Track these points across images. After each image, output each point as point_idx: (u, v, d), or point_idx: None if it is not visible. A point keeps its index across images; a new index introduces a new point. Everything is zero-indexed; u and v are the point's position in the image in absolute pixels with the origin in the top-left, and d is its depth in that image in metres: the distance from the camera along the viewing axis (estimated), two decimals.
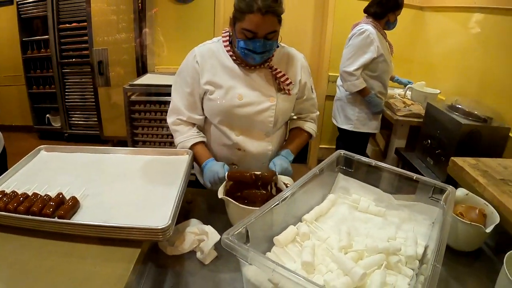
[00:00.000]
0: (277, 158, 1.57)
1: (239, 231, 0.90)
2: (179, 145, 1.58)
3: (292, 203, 1.09)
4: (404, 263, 1.02)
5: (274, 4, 1.34)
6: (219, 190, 1.27)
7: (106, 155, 1.51)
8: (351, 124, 3.02)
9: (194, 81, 1.54)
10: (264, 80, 1.54)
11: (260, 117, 1.54)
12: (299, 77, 1.61)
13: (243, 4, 1.35)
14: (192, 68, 1.54)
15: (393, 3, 2.78)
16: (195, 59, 1.53)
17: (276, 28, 1.40)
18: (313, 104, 1.75)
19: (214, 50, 1.55)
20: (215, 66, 1.53)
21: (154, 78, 3.44)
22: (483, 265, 1.30)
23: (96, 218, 1.06)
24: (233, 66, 1.53)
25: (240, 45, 1.42)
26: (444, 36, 3.48)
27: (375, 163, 1.31)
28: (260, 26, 1.36)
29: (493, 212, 1.38)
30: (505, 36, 2.59)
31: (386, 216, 1.23)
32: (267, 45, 1.41)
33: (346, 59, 2.84)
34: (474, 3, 2.93)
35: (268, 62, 1.54)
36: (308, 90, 1.67)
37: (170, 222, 1.02)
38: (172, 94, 1.62)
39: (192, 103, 1.57)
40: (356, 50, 2.78)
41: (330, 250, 0.99)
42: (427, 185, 1.23)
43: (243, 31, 1.38)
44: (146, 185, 1.30)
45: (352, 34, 2.85)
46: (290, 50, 1.63)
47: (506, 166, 1.97)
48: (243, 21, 1.37)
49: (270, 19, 1.36)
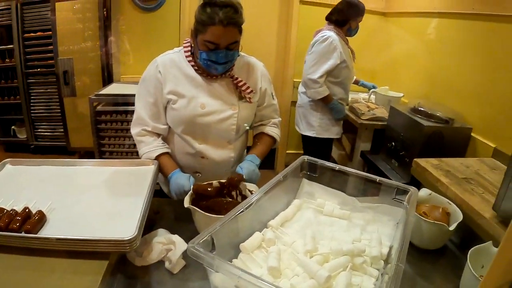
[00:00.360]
0: (243, 163, 1.58)
1: (205, 239, 0.90)
2: (143, 156, 1.57)
3: (257, 210, 1.10)
4: (369, 263, 1.04)
5: (235, 15, 1.37)
6: (185, 199, 1.27)
7: (72, 168, 1.49)
8: (313, 130, 3.03)
9: (157, 91, 1.54)
10: (226, 89, 1.57)
11: (222, 125, 1.56)
12: (260, 85, 1.64)
13: (204, 17, 1.37)
14: (154, 78, 1.53)
15: (354, 11, 2.82)
16: (157, 69, 1.53)
17: (237, 38, 1.43)
18: (274, 110, 1.77)
19: (176, 60, 1.55)
20: (177, 76, 1.53)
21: (120, 88, 3.39)
22: (448, 262, 1.34)
23: (63, 232, 1.05)
24: (195, 76, 1.54)
25: (203, 57, 1.43)
26: (406, 40, 3.58)
27: (338, 168, 1.33)
28: (222, 37, 1.38)
29: (456, 210, 1.43)
30: (464, 40, 2.69)
31: (351, 218, 1.25)
32: (229, 55, 1.43)
33: (309, 67, 2.84)
34: (434, 8, 3.02)
35: (230, 72, 1.56)
36: (268, 97, 1.70)
37: (136, 233, 1.03)
38: (135, 104, 1.61)
39: (155, 112, 1.57)
40: (319, 57, 2.79)
41: (296, 254, 1.00)
42: (390, 187, 1.26)
43: (205, 43, 1.40)
44: (113, 196, 1.29)
45: (315, 41, 2.86)
46: (250, 59, 1.66)
47: (468, 165, 2.04)
48: (205, 33, 1.38)
49: (232, 30, 1.39)
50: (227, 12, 1.35)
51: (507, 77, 2.25)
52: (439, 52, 3.01)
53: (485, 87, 2.44)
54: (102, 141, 3.20)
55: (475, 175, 1.90)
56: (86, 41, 3.61)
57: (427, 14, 3.17)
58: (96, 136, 3.19)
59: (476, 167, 2.01)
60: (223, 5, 1.35)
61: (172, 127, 1.60)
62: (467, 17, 2.65)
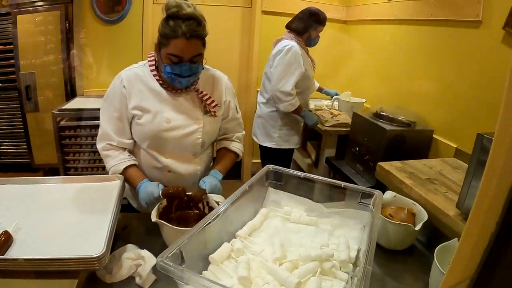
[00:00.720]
0: (206, 177, 1.58)
1: (174, 253, 0.90)
2: (111, 169, 1.55)
3: (225, 220, 1.10)
4: (339, 267, 1.05)
5: (198, 28, 1.38)
6: (152, 213, 1.26)
7: (37, 186, 1.45)
8: (273, 141, 2.99)
9: (122, 106, 1.52)
10: (190, 103, 1.57)
11: (188, 139, 1.56)
12: (224, 98, 1.65)
13: (167, 30, 1.37)
14: (119, 93, 1.52)
15: (315, 20, 2.82)
16: (122, 84, 1.52)
17: (201, 51, 1.44)
18: (239, 123, 1.78)
19: (140, 75, 1.54)
20: (142, 90, 1.52)
21: (84, 102, 3.32)
22: (416, 261, 1.38)
23: (31, 252, 1.03)
24: (160, 90, 1.53)
25: (167, 70, 1.43)
26: (367, 47, 3.67)
27: (303, 175, 1.35)
28: (185, 50, 1.38)
29: (421, 210, 1.47)
30: (423, 45, 2.78)
31: (318, 224, 1.26)
32: (193, 68, 1.43)
33: (278, 80, 2.75)
34: (394, 15, 3.11)
35: (194, 85, 1.56)
36: (232, 110, 1.71)
37: (105, 250, 1.02)
38: (100, 119, 1.58)
39: (120, 127, 1.55)
40: (286, 68, 2.73)
41: (265, 263, 1.00)
42: (355, 191, 1.29)
43: (169, 56, 1.40)
44: (80, 214, 1.27)
45: (277, 51, 2.81)
46: (215, 72, 1.67)
47: (431, 166, 2.10)
48: (168, 46, 1.39)
49: (195, 43, 1.39)
50: (190, 25, 1.36)
51: (465, 80, 2.34)
52: (399, 58, 3.10)
53: (445, 90, 2.53)
54: (66, 157, 3.12)
55: (438, 175, 1.96)
56: (48, 55, 3.52)
57: (387, 21, 3.26)
58: (61, 152, 3.10)
59: (439, 168, 2.08)
60: (186, 18, 1.36)
61: (138, 141, 1.59)
62: (426, 23, 2.74)
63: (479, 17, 2.20)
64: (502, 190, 0.52)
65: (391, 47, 3.22)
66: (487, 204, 0.55)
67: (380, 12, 3.35)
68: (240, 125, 1.79)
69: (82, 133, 3.08)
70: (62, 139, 3.08)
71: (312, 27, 2.83)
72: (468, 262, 0.59)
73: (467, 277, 0.59)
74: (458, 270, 0.62)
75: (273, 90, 2.79)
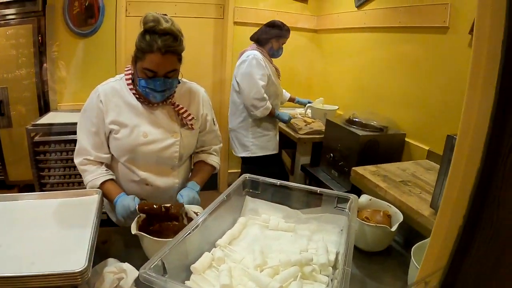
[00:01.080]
0: (183, 190, 1.59)
1: (156, 264, 0.90)
2: (88, 184, 1.54)
3: (204, 230, 1.11)
4: (319, 271, 1.08)
5: (174, 43, 1.38)
6: (132, 226, 1.26)
7: (13, 203, 1.42)
8: (248, 151, 3.06)
9: (99, 121, 1.52)
10: (167, 117, 1.57)
11: (165, 153, 1.57)
12: (201, 111, 1.66)
13: (143, 44, 1.37)
14: (96, 108, 1.51)
15: (276, 32, 2.93)
16: (99, 98, 1.51)
17: (176, 66, 1.44)
18: (216, 136, 1.79)
19: (117, 89, 1.54)
20: (119, 105, 1.52)
21: (58, 116, 3.26)
22: (395, 261, 1.42)
23: (12, 270, 1.01)
24: (136, 104, 1.53)
25: (141, 84, 1.44)
26: (338, 55, 3.73)
27: (279, 183, 1.37)
28: (160, 65, 1.39)
29: (396, 212, 1.51)
30: (393, 51, 2.85)
31: (296, 230, 1.28)
32: (167, 83, 1.44)
33: (249, 89, 2.86)
34: (364, 24, 3.18)
35: (171, 99, 1.57)
36: (209, 123, 1.72)
37: (87, 264, 1.01)
38: (77, 134, 1.58)
39: (98, 142, 1.55)
40: (250, 75, 2.83)
41: (246, 270, 1.02)
42: (331, 196, 1.31)
43: (144, 70, 1.41)
44: (59, 229, 1.25)
45: (240, 62, 2.91)
46: (192, 85, 1.68)
47: (404, 168, 2.16)
48: (144, 60, 1.39)
49: (170, 58, 1.40)
50: (166, 40, 1.36)
51: (434, 84, 2.41)
52: (370, 65, 3.16)
53: (415, 95, 2.60)
54: (42, 172, 3.06)
55: (411, 177, 2.02)
56: (20, 69, 3.45)
57: (357, 29, 3.33)
58: (36, 168, 3.04)
59: (412, 170, 2.14)
60: (162, 33, 1.36)
61: (115, 156, 1.58)
62: (395, 30, 2.81)
63: (446, 23, 2.28)
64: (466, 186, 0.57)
65: (362, 55, 3.28)
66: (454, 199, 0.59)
67: (350, 21, 3.42)
68: (217, 138, 1.80)
69: (57, 148, 3.03)
70: (37, 155, 3.02)
71: (273, 39, 2.93)
72: (440, 254, 0.63)
73: (440, 268, 0.62)
74: (431, 261, 0.66)
75: (248, 100, 2.87)
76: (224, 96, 3.86)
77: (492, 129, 0.51)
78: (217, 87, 3.91)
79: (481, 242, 0.54)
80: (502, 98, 0.49)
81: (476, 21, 0.54)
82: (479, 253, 0.55)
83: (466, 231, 0.56)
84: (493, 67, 0.50)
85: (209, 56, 3.88)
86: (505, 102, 0.49)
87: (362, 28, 3.23)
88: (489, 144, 0.52)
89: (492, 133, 0.51)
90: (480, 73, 0.54)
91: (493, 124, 0.51)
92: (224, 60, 3.84)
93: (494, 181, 0.52)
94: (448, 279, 0.60)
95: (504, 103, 0.49)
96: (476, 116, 0.55)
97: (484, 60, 0.52)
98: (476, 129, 0.54)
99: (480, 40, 0.54)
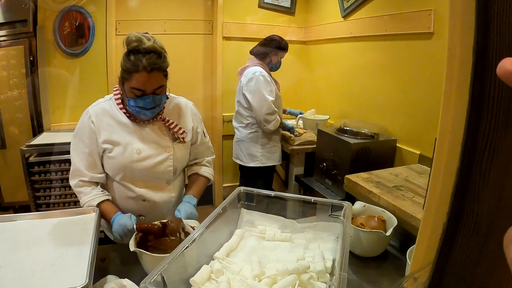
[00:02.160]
0: (181, 205, 1.61)
1: (155, 279, 0.91)
2: (85, 205, 1.55)
3: (202, 244, 1.12)
4: (316, 278, 1.09)
5: (158, 60, 1.42)
6: (130, 243, 1.27)
7: (12, 223, 1.43)
8: (257, 161, 3.14)
9: (91, 141, 1.54)
10: (159, 132, 1.60)
11: (160, 168, 1.59)
12: (192, 124, 1.69)
13: (129, 64, 1.40)
14: (88, 129, 1.54)
15: (275, 45, 3.03)
16: (90, 119, 1.53)
17: (162, 83, 1.47)
18: (208, 147, 1.82)
19: (107, 109, 1.57)
20: (110, 124, 1.55)
21: (52, 137, 3.27)
22: (391, 265, 1.44)
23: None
24: (127, 122, 1.56)
25: (131, 104, 1.47)
26: (327, 65, 3.79)
27: (274, 194, 1.38)
28: (147, 83, 1.42)
29: (390, 216, 1.54)
30: (381, 59, 2.91)
31: (292, 240, 1.29)
32: (156, 100, 1.47)
33: (261, 106, 2.96)
34: (350, 33, 3.24)
35: (160, 115, 1.60)
36: (200, 135, 1.74)
37: (87, 281, 1.02)
38: (71, 156, 1.59)
39: (92, 163, 1.56)
40: (262, 92, 2.91)
41: (245, 281, 1.03)
42: (325, 205, 1.32)
43: (132, 90, 1.43)
44: (58, 248, 1.26)
45: (248, 80, 2.97)
46: (180, 100, 1.71)
47: (397, 173, 2.19)
48: (131, 80, 1.42)
49: (156, 75, 1.43)
50: (150, 58, 1.39)
51: (422, 89, 2.46)
52: (358, 73, 3.22)
53: (405, 100, 2.64)
54: (37, 193, 3.05)
55: (404, 181, 2.05)
56: (12, 90, 3.46)
57: (344, 39, 3.39)
58: (31, 189, 3.03)
59: (405, 174, 2.17)
60: (146, 51, 1.39)
61: (110, 175, 1.60)
62: (381, 38, 2.87)
63: (431, 29, 2.34)
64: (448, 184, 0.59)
65: (350, 64, 3.34)
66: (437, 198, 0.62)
67: (337, 31, 3.48)
68: (209, 149, 1.83)
69: (52, 168, 3.03)
70: (32, 175, 3.02)
71: (272, 52, 3.03)
72: (427, 250, 0.65)
73: (428, 263, 0.65)
74: (420, 258, 0.68)
75: (261, 116, 2.97)
76: (216, 112, 3.90)
77: (467, 129, 0.54)
78: (208, 103, 3.94)
79: (464, 235, 0.57)
80: (475, 100, 0.52)
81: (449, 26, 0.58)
82: (463, 246, 0.57)
83: (450, 226, 0.59)
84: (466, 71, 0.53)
85: (199, 71, 3.92)
86: (478, 104, 0.52)
87: (349, 37, 3.29)
88: (466, 144, 0.54)
89: (468, 133, 0.54)
90: (454, 76, 0.57)
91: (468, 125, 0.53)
92: (215, 75, 3.87)
93: (472, 178, 0.54)
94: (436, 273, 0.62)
95: (478, 105, 0.52)
96: (452, 118, 0.58)
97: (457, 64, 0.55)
98: (453, 131, 0.57)
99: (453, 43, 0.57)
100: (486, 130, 0.51)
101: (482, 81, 0.51)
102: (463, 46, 0.54)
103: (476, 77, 0.51)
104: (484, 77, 0.52)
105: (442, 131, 0.60)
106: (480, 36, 0.51)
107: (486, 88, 0.51)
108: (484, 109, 0.51)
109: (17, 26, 3.36)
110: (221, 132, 3.95)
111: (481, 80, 0.51)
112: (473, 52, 0.52)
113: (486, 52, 0.51)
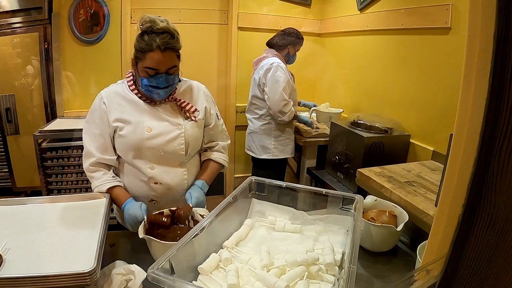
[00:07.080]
0: (193, 190, 1.60)
1: (164, 264, 0.92)
2: (95, 189, 1.56)
3: (211, 232, 1.12)
4: (325, 271, 1.08)
5: (172, 40, 1.43)
6: (139, 230, 1.28)
7: (23, 206, 1.45)
8: (270, 153, 3.14)
9: (102, 122, 1.55)
10: (170, 111, 1.61)
11: (171, 146, 1.58)
12: (204, 104, 1.69)
13: (143, 44, 1.42)
14: (99, 110, 1.55)
15: (294, 37, 3.04)
16: (102, 101, 1.55)
17: (175, 63, 1.49)
18: (222, 131, 1.81)
19: (119, 91, 1.58)
20: (121, 103, 1.56)
21: (65, 123, 3.30)
22: (401, 260, 1.43)
23: (22, 271, 1.03)
24: (139, 101, 1.57)
25: (144, 83, 1.47)
26: (342, 58, 3.75)
27: (285, 185, 1.38)
28: (161, 62, 1.43)
29: (402, 212, 1.52)
30: (396, 53, 2.86)
31: (302, 231, 1.29)
32: (169, 79, 1.48)
33: (277, 96, 2.92)
34: (366, 26, 3.19)
35: (172, 95, 1.61)
36: (214, 117, 1.74)
37: (95, 265, 1.03)
38: (83, 138, 1.61)
39: (102, 144, 1.57)
40: (279, 83, 2.91)
41: (253, 270, 1.03)
42: (336, 197, 1.33)
43: (145, 69, 1.45)
44: (68, 231, 1.27)
45: (265, 71, 2.96)
46: (193, 83, 1.72)
47: (409, 169, 2.16)
48: (145, 60, 1.43)
49: (170, 55, 1.45)
50: (164, 38, 1.41)
51: (438, 85, 2.42)
52: (373, 67, 3.17)
53: (419, 96, 2.60)
54: (49, 179, 3.09)
55: (416, 177, 2.02)
56: (27, 77, 3.50)
57: (360, 32, 3.34)
58: (43, 174, 3.07)
59: (417, 170, 2.14)
60: (159, 32, 1.41)
61: (122, 155, 1.60)
62: (397, 32, 2.82)
63: (448, 23, 2.29)
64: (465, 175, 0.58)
65: (365, 57, 3.30)
66: (453, 189, 0.61)
67: (353, 24, 3.44)
68: (223, 132, 1.82)
69: (64, 154, 3.06)
70: (44, 161, 3.05)
71: (290, 44, 3.04)
72: (441, 243, 0.64)
73: (441, 256, 0.63)
74: (433, 251, 0.67)
75: (277, 107, 2.96)
76: (230, 101, 3.90)
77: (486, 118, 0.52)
78: (222, 93, 3.94)
79: (480, 228, 0.56)
80: (495, 88, 0.51)
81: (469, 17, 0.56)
82: (478, 239, 0.56)
83: (466, 219, 0.58)
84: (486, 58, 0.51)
85: (213, 61, 3.91)
86: (498, 93, 0.50)
87: (365, 31, 3.24)
88: (484, 133, 0.53)
89: (487, 122, 0.52)
90: (474, 64, 0.55)
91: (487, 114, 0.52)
92: (229, 65, 3.86)
93: (491, 168, 0.53)
94: (450, 266, 0.61)
95: (497, 94, 0.50)
96: (471, 107, 0.56)
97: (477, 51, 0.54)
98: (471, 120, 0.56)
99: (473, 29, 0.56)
100: (505, 119, 0.50)
101: (503, 70, 0.49)
102: (483, 32, 0.53)
103: (496, 65, 0.50)
104: (505, 66, 0.50)
105: (460, 120, 0.58)
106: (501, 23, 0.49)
107: (506, 77, 0.50)
108: (504, 98, 0.50)
109: (32, 13, 3.38)
110: (234, 122, 3.95)
111: (502, 68, 0.49)
112: (493, 39, 0.50)
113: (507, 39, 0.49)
